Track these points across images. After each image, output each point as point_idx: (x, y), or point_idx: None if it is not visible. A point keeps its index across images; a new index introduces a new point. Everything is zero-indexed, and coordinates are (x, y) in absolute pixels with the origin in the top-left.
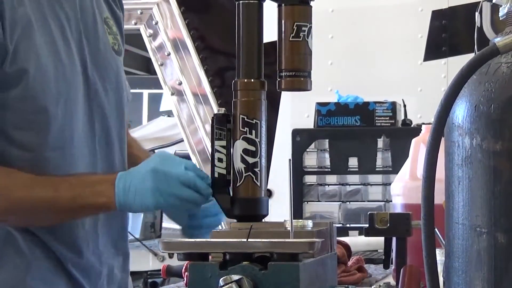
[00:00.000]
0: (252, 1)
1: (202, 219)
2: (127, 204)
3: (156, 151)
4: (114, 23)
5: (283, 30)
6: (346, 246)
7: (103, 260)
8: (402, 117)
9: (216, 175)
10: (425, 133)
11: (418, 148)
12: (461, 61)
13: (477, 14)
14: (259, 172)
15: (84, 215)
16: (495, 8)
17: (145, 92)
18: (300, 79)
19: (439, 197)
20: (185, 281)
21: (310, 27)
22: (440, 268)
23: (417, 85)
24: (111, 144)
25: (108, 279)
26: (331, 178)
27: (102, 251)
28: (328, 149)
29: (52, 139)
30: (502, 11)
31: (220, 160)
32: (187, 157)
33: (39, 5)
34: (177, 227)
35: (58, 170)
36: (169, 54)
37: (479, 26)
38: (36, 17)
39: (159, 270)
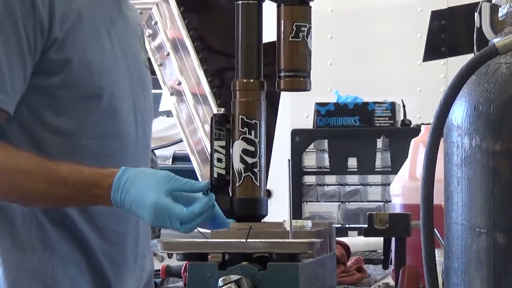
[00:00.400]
0: (251, 1)
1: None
2: (123, 209)
3: (155, 151)
4: (142, 41)
5: (282, 30)
6: (345, 247)
7: (138, 259)
8: (402, 118)
9: (215, 175)
10: (425, 133)
11: (417, 148)
12: (460, 61)
13: (476, 14)
14: (258, 172)
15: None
16: (494, 9)
17: None
18: (299, 79)
19: (438, 198)
20: (184, 281)
21: (310, 27)
22: (439, 269)
23: (416, 86)
24: (148, 146)
25: (136, 277)
26: (330, 179)
27: (139, 249)
28: (327, 149)
29: (92, 128)
30: (502, 12)
31: (219, 160)
32: (187, 157)
33: (90, 8)
34: None
35: (93, 158)
36: (168, 54)
37: (478, 26)
38: (86, 16)
39: (158, 270)
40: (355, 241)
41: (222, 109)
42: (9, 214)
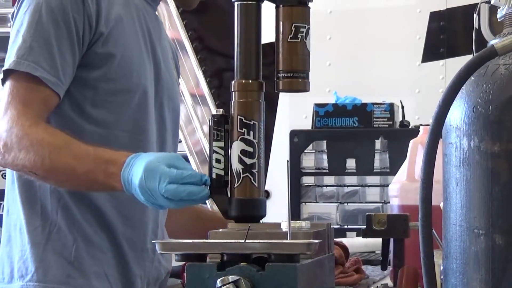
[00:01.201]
0: (250, 2)
1: None
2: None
3: None
4: (173, 62)
5: (281, 31)
6: (344, 247)
7: (156, 250)
8: (400, 119)
9: (213, 175)
10: (423, 134)
11: (416, 149)
12: (459, 62)
13: (475, 15)
14: (256, 173)
15: (95, 189)
16: (493, 10)
17: None
18: (298, 80)
19: (436, 199)
20: (182, 282)
21: (308, 28)
22: (437, 270)
23: (415, 87)
24: (171, 146)
25: (156, 268)
26: (329, 180)
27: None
28: (325, 150)
29: (125, 121)
30: (500, 13)
31: (217, 161)
32: (185, 158)
33: (130, 14)
34: None
35: (124, 150)
36: None
37: (477, 27)
38: (127, 18)
39: None
40: (354, 242)
41: (221, 109)
42: (39, 196)
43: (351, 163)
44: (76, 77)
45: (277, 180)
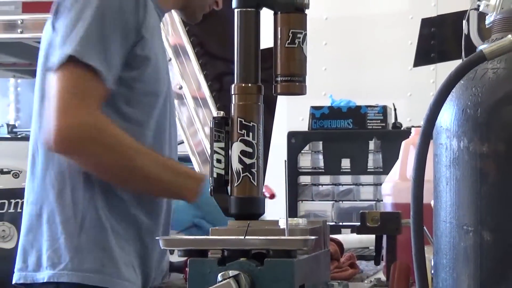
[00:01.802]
0: (249, 9)
1: None
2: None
3: None
4: None
5: (279, 37)
6: (339, 243)
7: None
8: (393, 121)
9: (215, 175)
10: (415, 135)
11: (408, 150)
12: (449, 67)
13: (464, 22)
14: (256, 173)
15: (167, 196)
16: (481, 17)
17: None
18: (295, 84)
19: (427, 197)
20: (185, 276)
21: (305, 34)
22: (428, 265)
23: (407, 90)
24: (175, 147)
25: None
26: (325, 179)
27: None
28: (321, 151)
29: (152, 121)
30: (488, 19)
31: (218, 161)
32: (187, 158)
33: (157, 31)
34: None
35: (148, 145)
36: (170, 60)
37: (466, 33)
38: (158, 28)
39: None
40: (348, 238)
41: (222, 112)
42: (72, 189)
43: (346, 163)
44: (119, 79)
45: (275, 179)
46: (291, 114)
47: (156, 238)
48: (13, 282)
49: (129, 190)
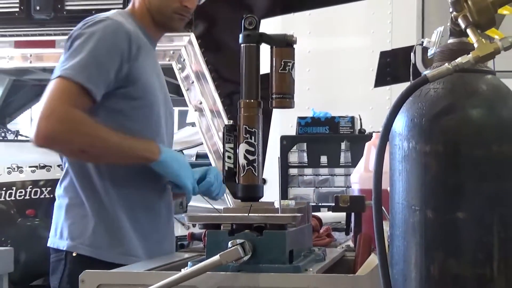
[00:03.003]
0: (252, 45)
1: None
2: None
3: (184, 151)
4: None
5: (274, 65)
6: (319, 219)
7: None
8: (359, 127)
9: (226, 168)
10: (375, 138)
11: (370, 149)
12: (401, 87)
13: (412, 54)
14: (256, 166)
15: (132, 160)
16: (425, 50)
17: (176, 109)
18: (286, 100)
19: (385, 184)
20: (204, 244)
21: (293, 63)
22: (386, 235)
23: (369, 105)
24: (171, 145)
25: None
26: (308, 171)
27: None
28: (306, 150)
29: (148, 130)
30: (430, 52)
31: (229, 157)
32: (206, 155)
33: (144, 51)
34: (199, 204)
35: None
36: (193, 82)
37: (413, 62)
38: (145, 52)
39: (185, 235)
40: (326, 215)
41: (231, 121)
42: (92, 181)
43: (324, 159)
44: (116, 94)
45: (271, 171)
46: (283, 122)
47: (184, 215)
48: (47, 245)
49: (103, 162)
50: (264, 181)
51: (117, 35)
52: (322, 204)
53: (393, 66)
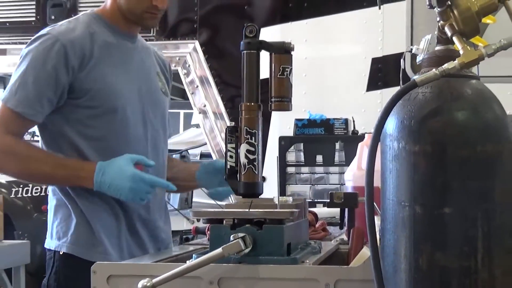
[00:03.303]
0: (252, 51)
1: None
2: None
3: (189, 151)
4: (163, 76)
5: (273, 70)
6: (314, 214)
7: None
8: (352, 129)
9: (228, 166)
10: (368, 139)
11: (363, 149)
12: (391, 91)
13: (402, 60)
14: (257, 165)
15: (69, 185)
16: (413, 56)
17: (181, 112)
18: (284, 103)
19: (376, 182)
20: (207, 237)
21: (291, 69)
22: (377, 229)
23: (362, 107)
24: (158, 148)
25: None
26: (305, 169)
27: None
28: (302, 150)
29: (114, 134)
30: (419, 58)
31: (231, 156)
32: (210, 155)
33: (109, 53)
34: (203, 200)
35: (116, 154)
36: (197, 86)
37: (403, 68)
38: (104, 58)
39: (190, 229)
40: (321, 211)
41: (233, 123)
42: (72, 192)
43: (319, 158)
44: (71, 105)
45: (270, 169)
46: (281, 124)
47: (189, 210)
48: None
49: (37, 184)
50: (264, 178)
51: (49, 52)
52: (318, 200)
53: (384, 71)
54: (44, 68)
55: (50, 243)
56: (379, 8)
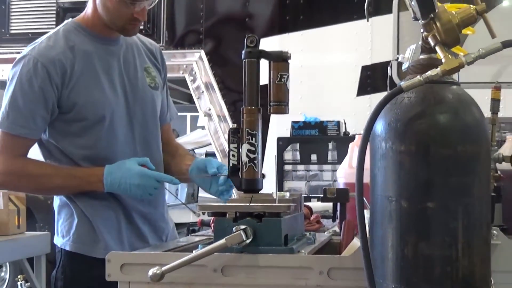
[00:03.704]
0: (253, 60)
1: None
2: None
3: (195, 150)
4: (154, 69)
5: (271, 77)
6: (310, 208)
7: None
8: (344, 130)
9: (231, 164)
10: (358, 140)
11: (353, 149)
12: (379, 96)
13: (389, 68)
14: (257, 163)
15: (81, 191)
16: (400, 64)
17: (188, 115)
18: (282, 107)
19: (366, 178)
20: (212, 229)
21: (288, 75)
22: (367, 222)
23: (353, 111)
24: (149, 143)
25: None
26: (301, 167)
27: (165, 218)
28: (298, 149)
29: (102, 142)
30: (404, 66)
31: (233, 156)
32: (214, 154)
33: (91, 64)
34: (208, 196)
35: (107, 160)
36: (203, 92)
37: (390, 75)
38: (87, 70)
39: (196, 222)
40: (316, 205)
41: (235, 125)
42: (74, 196)
43: (314, 157)
44: (61, 119)
45: (269, 167)
46: (279, 126)
47: (196, 204)
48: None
49: (53, 195)
50: (263, 176)
51: (33, 74)
52: (312, 195)
53: (373, 78)
54: (31, 89)
55: (57, 240)
56: (367, 21)
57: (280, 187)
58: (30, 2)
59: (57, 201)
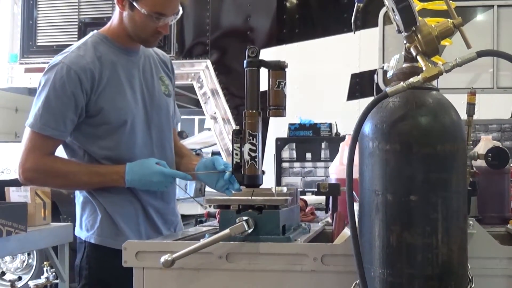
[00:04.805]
0: (253, 68)
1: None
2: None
3: (202, 149)
4: (166, 78)
5: (270, 83)
6: (305, 201)
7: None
8: (335, 131)
9: (234, 162)
10: (348, 140)
11: (344, 148)
12: (367, 101)
13: (375, 75)
14: (257, 161)
15: (103, 187)
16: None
17: (196, 118)
18: (280, 110)
19: (355, 174)
20: (217, 220)
21: (285, 82)
22: (356, 214)
23: (343, 114)
24: (164, 146)
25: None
26: (296, 164)
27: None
28: (295, 148)
29: (124, 144)
30: (389, 74)
31: (236, 154)
32: (219, 153)
33: (116, 73)
34: (214, 191)
35: (127, 161)
36: (209, 97)
37: (376, 82)
38: (113, 78)
39: (203, 214)
40: (310, 198)
41: (238, 127)
42: (97, 191)
43: (308, 155)
44: (87, 123)
45: (269, 164)
46: (277, 128)
47: (203, 198)
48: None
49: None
50: (263, 172)
51: (66, 79)
52: (307, 189)
53: (361, 85)
54: (64, 94)
55: (80, 233)
56: (354, 33)
57: (278, 182)
58: (55, 17)
59: (79, 197)
